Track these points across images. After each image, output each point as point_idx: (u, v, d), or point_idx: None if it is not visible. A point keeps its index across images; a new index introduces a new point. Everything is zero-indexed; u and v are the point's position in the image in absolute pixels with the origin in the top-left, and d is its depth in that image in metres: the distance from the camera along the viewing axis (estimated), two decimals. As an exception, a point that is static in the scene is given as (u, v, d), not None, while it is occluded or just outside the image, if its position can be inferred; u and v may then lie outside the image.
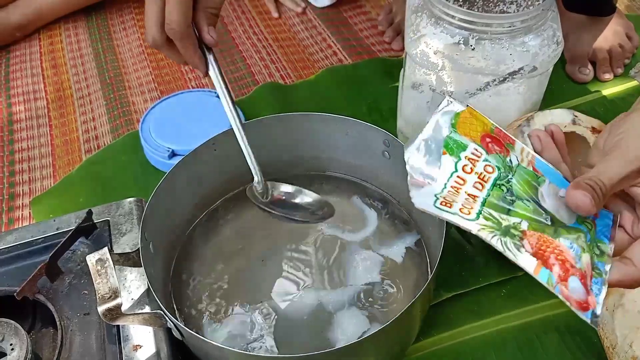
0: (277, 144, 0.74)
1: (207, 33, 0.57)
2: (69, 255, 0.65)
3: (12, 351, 0.56)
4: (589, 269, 0.36)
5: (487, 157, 0.39)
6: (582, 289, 0.35)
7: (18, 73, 1.13)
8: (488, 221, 0.37)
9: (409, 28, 0.74)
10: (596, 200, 0.38)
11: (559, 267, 0.35)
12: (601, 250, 0.37)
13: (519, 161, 0.39)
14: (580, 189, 0.38)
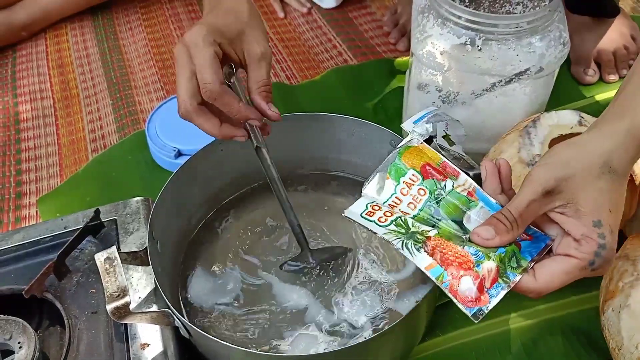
0: (282, 144, 0.74)
1: (268, 110, 0.56)
2: (76, 254, 0.66)
3: (20, 349, 0.56)
4: (490, 274, 0.43)
5: (423, 182, 0.46)
6: (474, 289, 0.42)
7: (24, 72, 1.14)
8: (398, 227, 0.44)
9: (415, 29, 0.75)
10: (506, 229, 0.44)
11: (455, 268, 0.42)
12: (520, 264, 0.43)
13: (453, 187, 0.46)
14: (485, 225, 0.45)
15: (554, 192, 0.44)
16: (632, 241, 0.61)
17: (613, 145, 0.45)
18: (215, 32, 0.54)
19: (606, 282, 0.60)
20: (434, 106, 0.77)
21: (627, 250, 0.60)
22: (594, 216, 0.44)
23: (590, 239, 0.43)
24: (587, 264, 0.44)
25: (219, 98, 0.53)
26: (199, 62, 0.53)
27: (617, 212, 0.45)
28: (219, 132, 0.56)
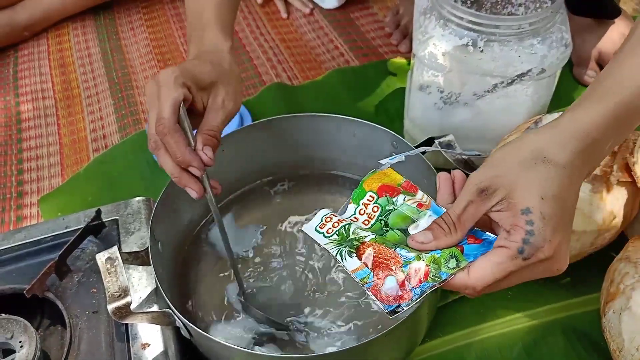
0: (284, 144, 0.74)
1: (201, 150, 0.56)
2: (77, 253, 0.66)
3: (21, 348, 0.56)
4: (417, 273, 0.43)
5: (378, 200, 0.48)
6: (396, 287, 0.43)
7: (26, 72, 1.14)
8: (339, 236, 0.46)
9: (417, 30, 0.75)
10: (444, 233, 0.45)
11: (382, 270, 0.44)
12: (458, 265, 0.44)
13: (404, 201, 0.48)
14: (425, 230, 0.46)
15: (488, 191, 0.44)
16: (633, 243, 0.61)
17: (548, 137, 0.45)
18: (187, 76, 0.56)
19: (607, 284, 0.60)
20: (436, 107, 0.77)
21: (629, 253, 0.60)
22: (522, 205, 0.43)
23: (518, 227, 0.42)
24: (516, 252, 0.42)
25: (169, 134, 0.54)
26: (161, 99, 0.54)
27: (554, 201, 0.43)
28: (179, 175, 0.56)
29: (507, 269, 0.42)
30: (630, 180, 0.63)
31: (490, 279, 0.43)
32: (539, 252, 0.42)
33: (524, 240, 0.42)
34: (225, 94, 0.59)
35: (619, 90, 0.46)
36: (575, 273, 0.71)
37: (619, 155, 0.65)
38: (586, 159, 0.45)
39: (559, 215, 0.43)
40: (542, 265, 0.44)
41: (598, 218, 0.62)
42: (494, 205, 0.44)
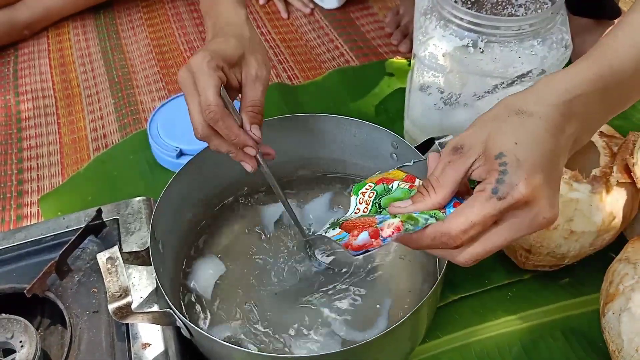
0: (284, 144, 0.74)
1: (250, 131, 0.58)
2: (78, 253, 0.66)
3: (21, 348, 0.56)
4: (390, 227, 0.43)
5: (374, 187, 0.49)
6: (368, 238, 0.44)
7: (26, 71, 1.14)
8: (330, 225, 0.48)
9: (417, 30, 0.75)
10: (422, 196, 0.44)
11: (358, 230, 0.45)
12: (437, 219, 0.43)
13: (399, 186, 0.48)
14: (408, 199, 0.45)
15: (463, 148, 0.43)
16: (633, 244, 0.61)
17: (522, 94, 0.44)
18: (218, 57, 0.57)
19: (607, 284, 0.60)
20: (436, 108, 0.77)
21: (628, 254, 0.60)
22: (496, 151, 0.42)
23: (492, 170, 0.41)
24: (490, 193, 0.40)
25: (221, 120, 0.55)
26: (202, 86, 0.55)
27: (530, 144, 0.41)
28: (236, 152, 0.59)
29: (482, 211, 0.41)
30: (630, 182, 0.63)
31: (465, 223, 0.41)
32: (514, 190, 0.40)
33: (497, 180, 0.41)
34: (257, 64, 0.60)
35: (604, 53, 0.45)
36: (575, 274, 0.71)
37: (619, 156, 0.65)
38: (567, 115, 0.43)
39: (537, 158, 0.41)
40: (524, 212, 0.41)
41: (597, 219, 0.63)
42: (472, 164, 0.43)
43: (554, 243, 0.64)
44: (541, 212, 0.41)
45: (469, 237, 0.42)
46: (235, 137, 0.57)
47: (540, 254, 0.66)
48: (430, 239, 0.42)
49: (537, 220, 0.42)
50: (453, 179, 0.44)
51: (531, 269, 0.70)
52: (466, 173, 0.43)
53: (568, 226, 0.63)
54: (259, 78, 0.60)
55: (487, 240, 0.42)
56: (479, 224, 0.41)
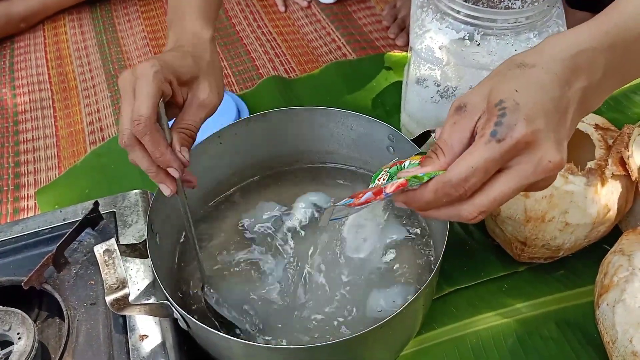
0: (281, 137, 0.74)
1: (179, 152, 0.54)
2: (75, 245, 0.66)
3: (19, 340, 0.57)
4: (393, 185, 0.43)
5: (389, 170, 0.48)
6: (371, 196, 0.43)
7: (22, 64, 1.14)
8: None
9: (414, 23, 0.75)
10: (431, 159, 0.43)
11: (363, 193, 0.44)
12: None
13: (411, 162, 0.47)
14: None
15: (466, 106, 0.42)
16: (627, 236, 0.62)
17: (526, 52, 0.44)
18: (168, 69, 0.53)
19: (601, 276, 0.61)
20: (433, 101, 0.77)
21: (623, 246, 0.60)
22: (496, 99, 0.41)
23: (491, 115, 0.40)
24: (489, 136, 0.39)
25: (149, 134, 0.51)
26: (140, 94, 0.51)
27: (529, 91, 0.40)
28: (156, 172, 0.54)
29: (482, 155, 0.39)
30: (625, 174, 0.64)
31: (466, 169, 0.40)
32: (512, 130, 0.39)
33: (496, 123, 0.40)
34: (208, 89, 0.57)
35: (611, 13, 0.44)
36: (570, 265, 0.71)
37: (614, 149, 0.65)
38: (574, 69, 0.42)
39: (538, 102, 0.40)
40: (527, 156, 0.40)
41: (592, 211, 0.63)
42: (477, 122, 0.42)
43: (549, 235, 0.64)
44: (546, 155, 0.40)
45: (472, 185, 0.40)
46: (160, 155, 0.52)
47: (536, 246, 0.66)
48: (433, 192, 0.41)
49: (543, 164, 0.40)
50: (459, 139, 0.42)
51: (526, 261, 0.70)
52: (472, 131, 0.42)
53: (563, 218, 0.63)
54: (204, 104, 0.57)
55: (492, 189, 0.41)
56: (480, 169, 0.40)
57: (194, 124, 0.56)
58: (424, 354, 0.65)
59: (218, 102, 0.59)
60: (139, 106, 0.51)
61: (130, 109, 0.52)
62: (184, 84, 0.56)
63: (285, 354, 0.55)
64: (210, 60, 0.59)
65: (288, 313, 0.63)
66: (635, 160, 0.64)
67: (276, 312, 0.63)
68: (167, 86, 0.53)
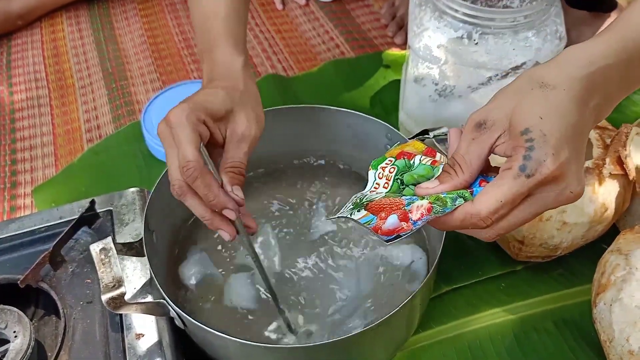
0: (278, 135, 0.74)
1: (231, 192, 0.52)
2: (71, 244, 0.66)
3: (15, 338, 0.56)
4: (419, 209, 0.43)
5: (395, 162, 0.48)
6: (397, 222, 0.43)
7: (20, 61, 1.13)
8: (354, 205, 0.46)
9: (412, 22, 0.75)
10: (449, 176, 0.44)
11: (386, 212, 0.43)
12: (465, 200, 0.43)
13: (421, 161, 0.47)
14: (433, 179, 0.45)
15: (486, 123, 0.42)
16: (624, 235, 0.62)
17: (545, 66, 0.44)
18: (200, 110, 0.52)
19: (598, 275, 0.61)
20: (431, 99, 0.77)
21: (620, 245, 0.60)
22: (521, 127, 0.41)
23: (518, 146, 0.41)
24: (518, 171, 0.40)
25: (200, 178, 0.50)
26: (180, 141, 0.50)
27: (555, 118, 0.41)
28: (211, 218, 0.53)
29: (511, 189, 0.40)
30: (622, 174, 0.64)
31: (494, 203, 0.40)
32: (542, 167, 0.40)
33: (524, 157, 0.40)
34: (246, 121, 0.55)
35: (627, 26, 0.44)
36: (567, 264, 0.71)
37: (612, 148, 0.65)
38: (590, 88, 0.42)
39: (562, 132, 0.41)
40: (551, 187, 0.41)
41: (590, 210, 0.63)
42: (497, 140, 0.42)
43: (546, 234, 0.64)
44: (568, 186, 0.41)
45: (499, 217, 0.41)
46: (214, 198, 0.51)
47: (533, 245, 0.66)
48: (460, 221, 0.42)
49: (564, 194, 0.42)
50: (479, 157, 0.43)
51: (524, 260, 0.70)
52: (490, 149, 0.43)
53: (561, 217, 0.63)
54: (244, 137, 0.54)
55: (513, 215, 0.42)
56: (508, 203, 0.41)
57: (239, 159, 0.54)
58: (421, 352, 0.65)
59: (259, 131, 0.56)
60: (183, 153, 0.50)
61: (175, 158, 0.51)
62: (219, 120, 0.54)
63: (282, 353, 0.55)
64: (244, 89, 0.57)
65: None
66: (632, 159, 0.64)
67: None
68: (204, 127, 0.52)
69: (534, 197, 0.42)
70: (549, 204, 0.42)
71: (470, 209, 0.41)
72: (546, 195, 0.41)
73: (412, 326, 0.63)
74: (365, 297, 0.64)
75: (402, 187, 0.47)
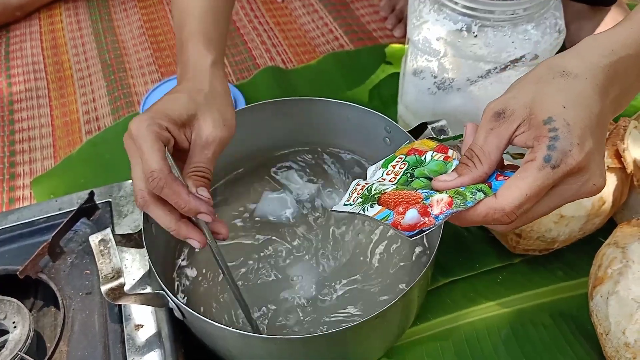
0: (277, 128, 0.74)
1: (196, 193, 0.50)
2: (70, 235, 0.66)
3: (14, 329, 0.57)
4: (439, 203, 0.41)
5: (406, 159, 0.47)
6: (417, 216, 0.41)
7: (18, 53, 1.13)
8: (363, 198, 0.45)
9: (411, 14, 0.74)
10: (468, 168, 0.42)
11: (403, 207, 0.42)
12: (485, 194, 0.41)
13: (432, 157, 0.46)
14: (450, 172, 0.43)
15: (506, 113, 0.41)
16: (621, 229, 0.62)
17: (566, 55, 0.42)
18: (161, 117, 0.50)
19: (595, 268, 0.61)
20: (429, 92, 0.77)
21: (617, 238, 0.61)
22: (544, 116, 0.39)
23: (542, 136, 0.39)
24: (543, 162, 0.38)
25: (166, 187, 0.48)
26: (142, 151, 0.49)
27: (578, 107, 0.39)
28: (177, 227, 0.51)
29: (536, 182, 0.38)
30: (620, 167, 0.64)
31: (519, 197, 0.38)
32: (567, 157, 0.38)
33: (549, 147, 0.38)
34: (211, 124, 0.53)
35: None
36: (564, 258, 0.72)
37: (610, 141, 0.65)
38: (613, 77, 0.41)
39: (586, 121, 0.39)
40: (576, 179, 0.39)
41: (587, 203, 0.63)
42: (516, 130, 0.40)
43: (544, 227, 0.65)
44: (591, 178, 0.40)
45: (523, 211, 0.39)
46: (185, 204, 0.49)
47: (531, 238, 0.66)
48: (482, 217, 0.40)
49: (587, 187, 0.40)
50: (498, 148, 0.41)
51: (521, 253, 0.71)
52: (510, 139, 0.41)
53: (558, 211, 0.63)
54: (209, 143, 0.53)
55: (538, 208, 0.40)
56: (534, 196, 0.39)
57: (203, 164, 0.52)
58: (418, 344, 0.65)
59: (226, 134, 0.54)
60: (147, 162, 0.48)
61: (139, 169, 0.50)
62: (183, 126, 0.53)
63: (279, 344, 0.55)
64: (209, 90, 0.55)
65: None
66: (630, 153, 0.64)
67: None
68: (166, 134, 0.50)
69: (557, 188, 0.40)
70: (570, 197, 0.40)
71: (493, 204, 0.40)
72: (569, 188, 0.40)
73: (409, 318, 0.63)
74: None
75: (411, 179, 0.45)
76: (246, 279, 0.66)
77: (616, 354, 0.56)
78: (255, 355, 0.57)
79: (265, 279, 0.66)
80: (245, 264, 0.67)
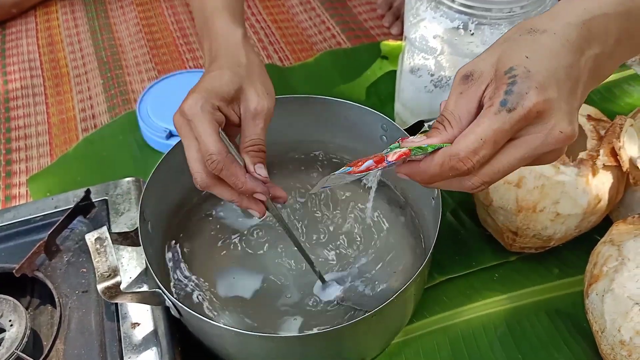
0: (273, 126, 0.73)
1: (254, 172, 0.52)
2: (67, 233, 0.66)
3: (11, 327, 0.57)
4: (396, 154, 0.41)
5: (390, 147, 0.46)
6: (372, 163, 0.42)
7: (14, 50, 1.13)
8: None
9: (408, 12, 0.74)
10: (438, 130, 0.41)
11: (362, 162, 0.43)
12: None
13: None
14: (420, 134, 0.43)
15: (473, 75, 0.40)
16: (617, 227, 0.62)
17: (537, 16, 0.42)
18: (212, 96, 0.51)
19: (591, 266, 0.61)
20: (426, 90, 0.77)
21: (613, 236, 0.61)
22: (506, 67, 0.38)
23: (501, 83, 0.38)
24: (499, 106, 0.37)
25: (225, 169, 0.50)
26: (200, 133, 0.50)
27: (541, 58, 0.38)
28: (240, 200, 0.54)
29: (491, 126, 0.38)
30: (616, 165, 0.64)
31: (474, 141, 0.38)
32: (523, 99, 0.37)
33: (506, 92, 0.37)
34: (257, 96, 0.54)
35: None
36: (560, 255, 0.72)
37: (606, 139, 0.65)
38: (586, 36, 0.40)
39: (551, 72, 0.38)
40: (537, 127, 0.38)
41: (583, 201, 0.63)
42: (484, 91, 0.40)
43: (540, 225, 0.65)
44: (557, 125, 0.38)
45: (480, 158, 0.39)
46: (242, 185, 0.51)
47: (527, 236, 0.67)
48: (439, 166, 0.40)
49: (554, 134, 0.38)
50: (467, 109, 0.40)
51: (517, 250, 0.71)
52: (480, 101, 0.40)
53: (554, 208, 0.63)
54: (258, 113, 0.54)
55: (498, 160, 0.39)
56: (489, 141, 0.38)
57: (257, 136, 0.54)
58: (415, 342, 0.65)
59: (271, 103, 0.55)
60: (205, 145, 0.50)
61: (195, 151, 0.51)
62: (231, 102, 0.53)
63: (276, 342, 0.55)
64: (247, 62, 0.56)
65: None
66: (626, 151, 0.64)
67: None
68: (219, 114, 0.51)
69: (519, 139, 0.39)
70: (537, 147, 0.39)
71: (448, 150, 0.39)
72: (533, 137, 0.39)
73: (406, 316, 0.63)
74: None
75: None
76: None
77: (612, 351, 0.56)
78: (252, 353, 0.57)
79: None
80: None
